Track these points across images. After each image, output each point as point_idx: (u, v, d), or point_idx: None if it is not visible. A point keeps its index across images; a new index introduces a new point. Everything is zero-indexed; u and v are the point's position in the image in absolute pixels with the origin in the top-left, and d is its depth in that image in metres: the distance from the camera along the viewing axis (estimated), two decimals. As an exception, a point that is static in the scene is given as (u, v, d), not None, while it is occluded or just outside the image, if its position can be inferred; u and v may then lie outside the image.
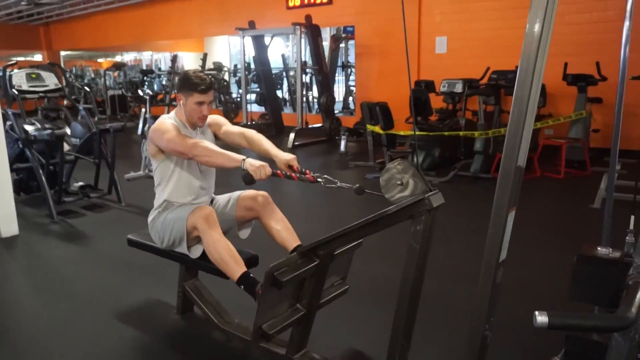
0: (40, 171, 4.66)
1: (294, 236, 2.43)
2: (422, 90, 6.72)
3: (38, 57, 18.19)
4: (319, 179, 2.18)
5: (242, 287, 2.17)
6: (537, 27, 1.38)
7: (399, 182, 1.73)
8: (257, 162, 2.19)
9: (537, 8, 1.37)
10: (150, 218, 2.57)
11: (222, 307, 2.56)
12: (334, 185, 2.14)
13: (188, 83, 2.40)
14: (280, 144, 9.16)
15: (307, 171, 2.25)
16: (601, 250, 1.72)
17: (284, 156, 2.34)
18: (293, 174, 2.24)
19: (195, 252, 2.37)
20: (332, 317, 2.60)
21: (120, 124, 4.87)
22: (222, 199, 2.63)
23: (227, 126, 2.63)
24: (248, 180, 2.17)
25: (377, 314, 2.77)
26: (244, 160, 2.20)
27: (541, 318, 0.95)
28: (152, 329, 2.68)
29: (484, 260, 1.55)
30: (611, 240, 2.05)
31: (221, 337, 2.54)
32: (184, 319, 2.74)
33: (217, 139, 2.65)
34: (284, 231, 2.43)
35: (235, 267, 2.19)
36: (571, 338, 1.50)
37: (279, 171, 2.24)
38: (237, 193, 2.58)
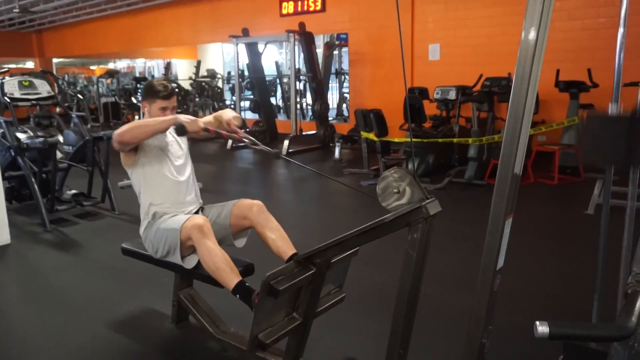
0: (33, 179, 4.62)
1: (289, 245, 2.41)
2: (416, 97, 6.74)
3: (30, 65, 18.12)
4: (245, 139, 2.40)
5: (238, 296, 2.16)
6: (532, 35, 1.38)
7: (395, 190, 1.73)
8: (192, 117, 2.35)
9: (532, 15, 1.37)
10: (141, 229, 2.56)
11: (217, 316, 2.54)
12: (256, 147, 2.36)
13: (151, 91, 2.52)
14: (273, 149, 9.13)
15: (239, 131, 2.45)
16: (611, 107, 1.72)
17: (227, 116, 2.49)
18: (223, 132, 2.43)
19: (190, 263, 2.35)
20: (328, 325, 2.59)
21: (113, 131, 4.83)
22: (215, 208, 2.61)
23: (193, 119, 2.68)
24: (180, 132, 2.29)
25: (373, 323, 2.76)
26: (176, 117, 2.32)
27: (542, 328, 0.94)
28: (146, 338, 2.65)
29: (481, 268, 1.54)
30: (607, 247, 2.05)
31: (217, 346, 2.51)
32: (178, 328, 2.72)
33: (191, 137, 2.71)
34: (279, 240, 2.41)
35: (231, 276, 2.18)
36: (569, 346, 1.49)
37: (210, 127, 2.39)
38: (231, 202, 2.57)
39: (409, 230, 1.71)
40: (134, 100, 11.46)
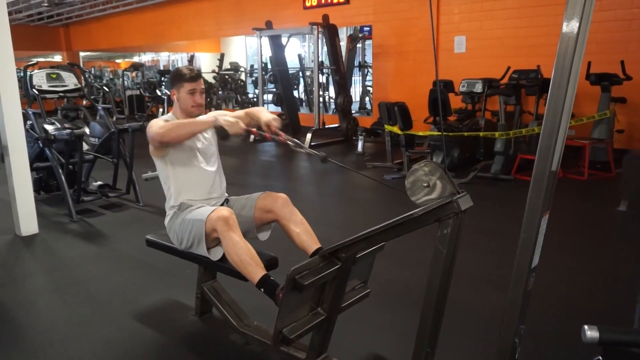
0: (60, 170, 4.68)
1: (314, 239, 2.38)
2: (441, 90, 6.62)
3: (58, 58, 18.45)
4: (289, 142, 2.36)
5: (262, 290, 2.13)
6: (574, 25, 1.32)
7: (425, 184, 1.68)
8: (232, 119, 2.30)
9: (574, 5, 1.31)
10: (166, 220, 2.55)
11: (241, 309, 2.53)
12: (302, 150, 2.32)
13: (177, 76, 2.51)
14: (296, 144, 9.12)
15: (281, 133, 2.40)
16: None
17: (266, 117, 2.47)
18: (266, 134, 2.39)
19: (216, 254, 2.33)
20: (352, 321, 2.55)
21: (138, 123, 4.87)
22: (239, 200, 2.60)
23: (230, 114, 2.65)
24: (222, 135, 2.25)
25: (398, 319, 2.71)
26: (216, 118, 2.28)
27: (591, 333, 0.88)
28: (170, 330, 2.65)
29: (515, 266, 1.48)
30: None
31: (240, 339, 2.50)
32: (202, 320, 2.72)
33: None
34: (303, 234, 2.38)
35: (256, 269, 2.15)
36: (609, 349, 1.42)
37: (253, 129, 2.37)
38: (255, 195, 2.55)
39: (439, 226, 1.66)
40: (158, 92, 11.55)
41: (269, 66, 10.57)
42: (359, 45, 12.30)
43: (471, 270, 3.26)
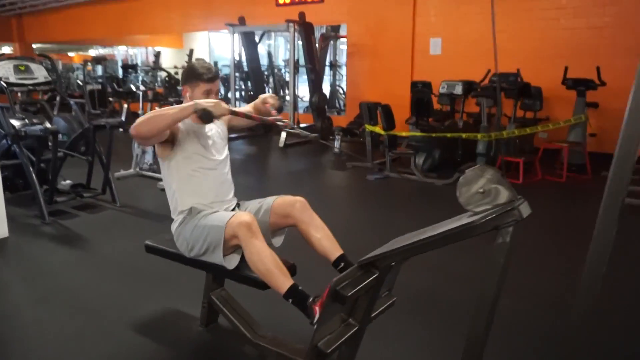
0: (31, 169, 4.36)
1: (335, 245, 2.27)
2: (425, 91, 6.62)
3: (6, 49, 17.46)
4: (279, 122, 2.34)
5: (290, 300, 1.99)
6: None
7: (481, 190, 1.59)
8: (213, 100, 2.18)
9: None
10: (174, 226, 2.36)
11: (253, 319, 2.38)
12: (294, 132, 2.29)
13: (194, 73, 2.32)
14: (269, 142, 8.96)
15: (273, 112, 2.42)
16: None
17: (264, 95, 2.50)
18: (254, 114, 2.33)
19: (231, 262, 2.18)
20: (377, 332, 2.44)
21: (117, 120, 4.60)
22: (251, 204, 2.45)
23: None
24: (207, 118, 2.13)
25: (420, 329, 2.61)
26: (196, 102, 2.13)
27: None
28: (175, 343, 2.47)
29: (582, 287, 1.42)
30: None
31: (253, 352, 2.35)
32: (209, 331, 2.55)
33: (231, 129, 2.61)
34: (325, 239, 2.26)
35: (283, 279, 2.01)
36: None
37: (237, 109, 2.31)
38: (270, 199, 2.40)
39: (496, 234, 1.58)
40: (133, 88, 10.96)
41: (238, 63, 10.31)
42: (331, 43, 12.23)
43: (461, 271, 3.20)
